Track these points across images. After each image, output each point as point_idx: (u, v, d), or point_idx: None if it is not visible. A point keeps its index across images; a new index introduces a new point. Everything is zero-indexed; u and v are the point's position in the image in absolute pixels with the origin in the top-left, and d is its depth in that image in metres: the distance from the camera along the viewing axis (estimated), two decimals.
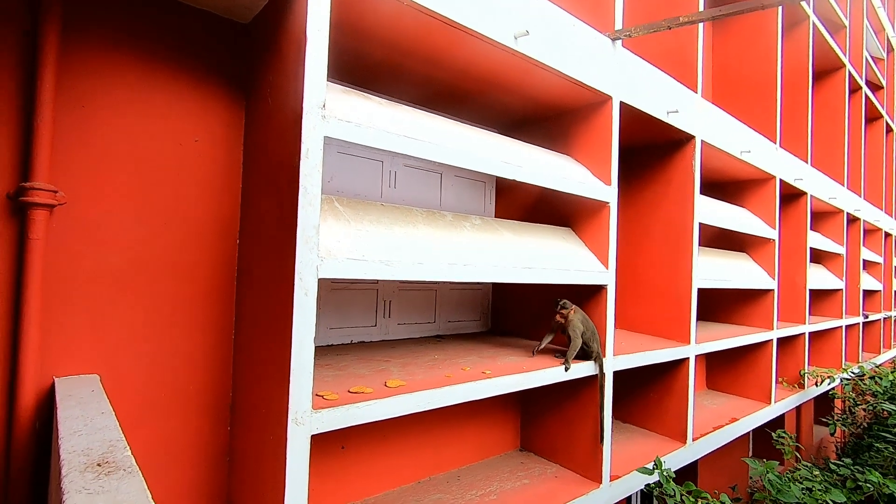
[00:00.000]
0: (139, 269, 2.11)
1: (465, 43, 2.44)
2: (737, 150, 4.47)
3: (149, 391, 2.14)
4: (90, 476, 1.09)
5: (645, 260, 4.19)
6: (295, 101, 1.87)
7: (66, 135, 1.95)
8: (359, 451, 2.70)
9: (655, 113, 3.48)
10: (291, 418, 1.77)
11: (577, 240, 3.24)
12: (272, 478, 1.84)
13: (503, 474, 3.11)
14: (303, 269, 1.80)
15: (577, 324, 2.91)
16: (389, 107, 2.30)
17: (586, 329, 2.96)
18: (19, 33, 1.87)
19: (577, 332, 2.89)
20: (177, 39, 2.22)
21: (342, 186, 2.96)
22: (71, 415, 1.49)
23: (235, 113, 2.38)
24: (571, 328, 2.90)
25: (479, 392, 2.38)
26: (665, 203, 4.07)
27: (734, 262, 5.00)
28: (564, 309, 2.89)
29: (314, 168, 1.83)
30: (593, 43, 3.02)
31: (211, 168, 2.31)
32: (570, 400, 3.19)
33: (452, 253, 2.37)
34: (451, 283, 3.61)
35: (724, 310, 5.59)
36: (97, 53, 2.03)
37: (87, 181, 2.00)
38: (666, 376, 3.94)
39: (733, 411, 4.76)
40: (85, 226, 1.99)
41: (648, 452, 3.57)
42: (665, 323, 4.03)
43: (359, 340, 3.12)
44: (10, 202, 1.83)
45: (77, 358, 1.98)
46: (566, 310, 2.89)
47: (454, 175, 3.62)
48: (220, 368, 2.32)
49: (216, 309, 2.32)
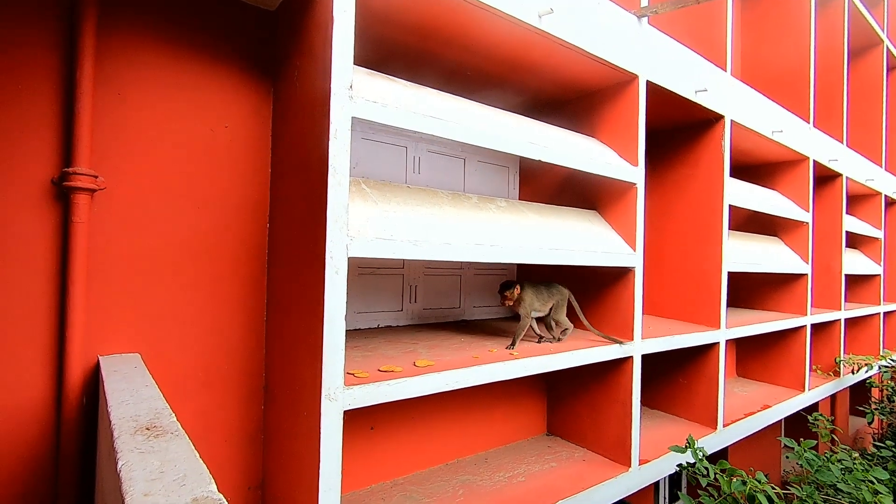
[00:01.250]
0: (174, 251, 2.18)
1: (487, 22, 2.42)
2: (768, 130, 4.34)
3: (185, 370, 2.22)
4: (140, 438, 1.14)
5: (672, 244, 4.11)
6: (322, 82, 1.89)
7: (105, 122, 2.02)
8: (387, 433, 2.74)
9: (683, 92, 3.40)
10: (325, 394, 1.80)
11: (603, 222, 3.20)
12: (307, 453, 1.89)
13: (530, 457, 3.12)
14: (333, 249, 1.83)
15: (527, 301, 2.76)
16: (414, 88, 2.31)
17: (544, 302, 2.83)
18: (59, 26, 1.94)
19: (527, 310, 2.76)
20: (207, 28, 2.27)
21: (367, 172, 2.99)
22: (118, 387, 1.55)
23: (263, 98, 2.42)
24: (521, 307, 2.76)
25: (507, 373, 2.39)
26: (693, 185, 3.98)
27: (765, 245, 4.87)
28: (508, 290, 2.73)
29: (342, 148, 1.85)
30: (619, 20, 2.96)
31: (241, 152, 2.36)
32: (597, 383, 3.17)
33: (479, 234, 2.37)
34: (476, 267, 3.61)
35: (754, 295, 5.46)
36: (132, 43, 2.09)
37: (125, 166, 2.06)
38: (695, 361, 3.88)
39: (765, 398, 4.66)
40: (123, 209, 2.06)
41: (677, 437, 3.52)
42: (693, 307, 3.96)
43: (385, 325, 3.16)
44: (55, 187, 1.91)
45: (119, 337, 2.06)
46: (509, 290, 2.72)
47: (477, 160, 3.61)
48: (252, 347, 2.38)
49: (248, 289, 2.37)
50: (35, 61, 1.89)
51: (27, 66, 1.88)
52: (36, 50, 1.89)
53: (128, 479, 0.93)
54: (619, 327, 3.09)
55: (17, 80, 1.86)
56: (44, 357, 1.90)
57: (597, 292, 3.24)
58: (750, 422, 4.12)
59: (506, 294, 2.75)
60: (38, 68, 1.90)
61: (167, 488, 0.90)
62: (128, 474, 0.95)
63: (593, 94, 3.33)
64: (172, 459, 1.03)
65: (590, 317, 3.30)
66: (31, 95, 1.88)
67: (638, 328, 3.05)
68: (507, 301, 2.76)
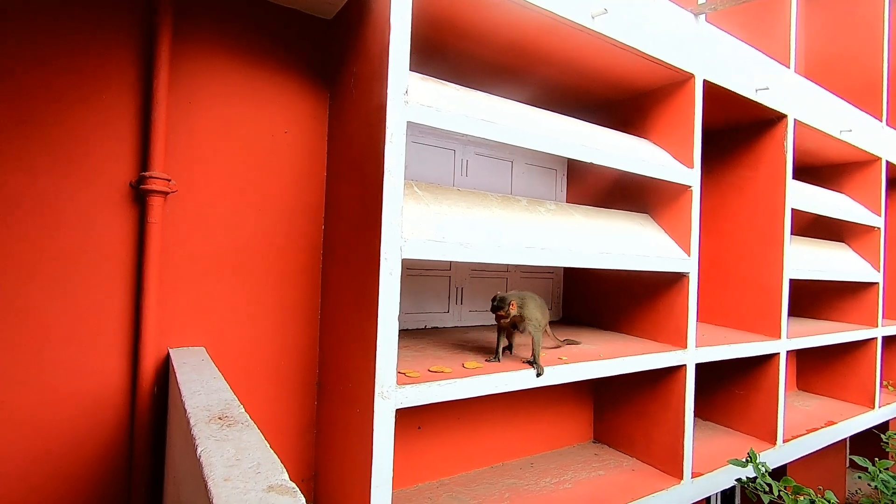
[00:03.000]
0: (235, 250, 2.29)
1: (539, 25, 2.42)
2: (835, 129, 4.09)
3: (245, 364, 2.32)
4: (215, 427, 1.20)
5: (728, 248, 3.95)
6: (379, 88, 1.94)
7: (177, 128, 2.15)
8: (434, 433, 2.77)
9: (742, 91, 3.26)
10: (378, 392, 1.85)
11: (655, 226, 3.12)
12: (359, 449, 1.94)
13: (577, 464, 3.07)
14: (388, 250, 1.87)
15: (536, 314, 2.33)
16: (467, 92, 2.33)
17: (544, 313, 2.41)
18: (138, 41, 2.08)
19: (539, 326, 2.33)
20: (268, 38, 2.38)
21: (416, 175, 3.03)
22: (189, 378, 1.65)
23: (320, 104, 2.51)
24: (532, 324, 2.31)
25: (556, 377, 2.36)
26: (751, 188, 3.81)
27: (830, 251, 4.58)
28: (504, 303, 2.25)
29: (398, 152, 1.90)
30: (674, 19, 2.88)
31: (299, 156, 2.45)
32: (648, 391, 3.08)
33: (529, 237, 2.36)
34: (522, 270, 3.60)
35: (816, 304, 5.14)
36: (202, 54, 2.22)
37: (194, 171, 2.19)
38: (752, 372, 3.70)
39: (829, 414, 4.38)
40: (192, 211, 2.19)
41: (732, 450, 3.37)
42: (751, 316, 3.78)
43: (432, 326, 3.19)
44: (133, 190, 2.05)
45: (186, 331, 2.19)
46: (508, 303, 2.25)
47: (525, 162, 3.60)
48: (307, 344, 2.47)
49: (304, 289, 2.46)
50: (116, 75, 2.04)
51: (110, 79, 2.03)
52: (117, 64, 2.04)
53: (208, 465, 0.99)
54: (672, 334, 2.99)
55: (100, 91, 2.01)
56: (121, 347, 2.04)
57: (647, 298, 3.15)
58: (813, 438, 3.89)
59: (500, 312, 2.26)
60: (119, 80, 2.05)
61: (244, 475, 0.95)
62: (207, 459, 1.01)
63: (646, 95, 3.24)
64: (246, 448, 1.09)
65: (639, 323, 3.22)
66: (113, 105, 2.03)
67: (692, 336, 2.95)
68: (503, 319, 2.29)
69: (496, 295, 2.33)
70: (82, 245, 1.97)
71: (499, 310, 2.28)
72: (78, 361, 1.96)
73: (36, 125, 1.88)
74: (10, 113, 1.84)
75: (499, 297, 2.30)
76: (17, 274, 1.85)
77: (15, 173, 1.85)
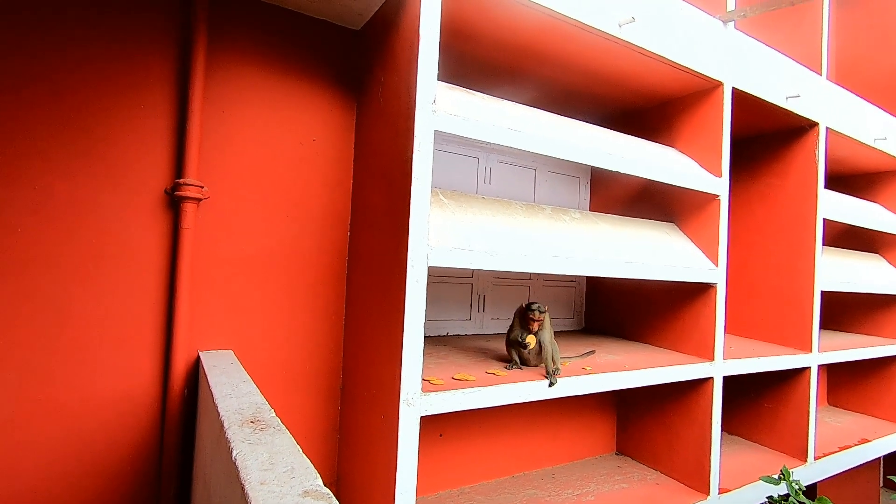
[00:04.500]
0: (264, 256, 2.34)
1: (564, 33, 2.42)
2: (869, 137, 3.98)
3: (270, 367, 2.36)
4: (248, 430, 1.23)
5: (755, 258, 3.86)
6: (407, 97, 1.97)
7: (210, 137, 2.21)
8: (456, 441, 2.76)
9: (773, 98, 3.20)
10: (403, 399, 1.86)
11: (681, 235, 3.07)
12: (383, 456, 1.95)
13: (599, 476, 3.03)
14: (414, 258, 1.88)
15: (549, 327, 2.39)
16: (492, 101, 2.34)
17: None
18: (174, 54, 2.15)
19: (551, 335, 2.35)
20: (298, 48, 2.43)
21: (439, 182, 3.05)
22: (220, 381, 1.69)
23: (347, 113, 2.55)
24: (550, 333, 2.34)
25: (580, 387, 2.34)
26: (781, 197, 3.73)
27: (864, 263, 4.44)
28: (542, 312, 2.32)
29: (425, 160, 1.92)
30: (702, 26, 2.85)
31: (326, 165, 2.49)
32: (673, 403, 3.03)
33: (553, 245, 2.36)
34: (545, 278, 3.58)
35: (849, 317, 4.98)
36: (235, 65, 2.28)
37: (225, 178, 2.25)
38: (782, 386, 3.60)
39: (862, 431, 4.23)
40: (223, 217, 2.24)
41: (761, 467, 3.28)
42: (780, 328, 3.68)
43: (454, 333, 3.19)
44: (167, 196, 2.11)
45: (215, 334, 2.23)
46: (543, 313, 2.32)
47: (548, 170, 3.59)
48: (332, 349, 2.50)
49: (330, 296, 2.49)
50: (154, 85, 2.11)
51: (148, 89, 2.10)
52: (155, 74, 2.11)
53: (243, 468, 1.01)
54: (698, 346, 2.94)
55: (139, 100, 2.08)
56: (154, 349, 2.10)
57: (672, 308, 3.10)
58: (846, 456, 3.76)
59: (539, 317, 2.32)
60: (156, 90, 2.11)
61: (279, 479, 0.97)
62: (242, 463, 1.03)
63: (672, 102, 3.21)
64: (279, 452, 1.10)
65: (664, 334, 3.17)
66: (151, 113, 2.10)
67: (719, 348, 2.89)
68: (536, 325, 2.32)
69: (532, 302, 2.36)
70: (120, 249, 2.03)
71: (541, 313, 2.32)
72: (114, 362, 2.02)
73: (79, 132, 1.96)
74: (56, 119, 1.92)
75: (529, 306, 2.35)
76: (60, 276, 1.92)
77: (61, 179, 1.92)
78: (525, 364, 2.42)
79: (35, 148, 1.89)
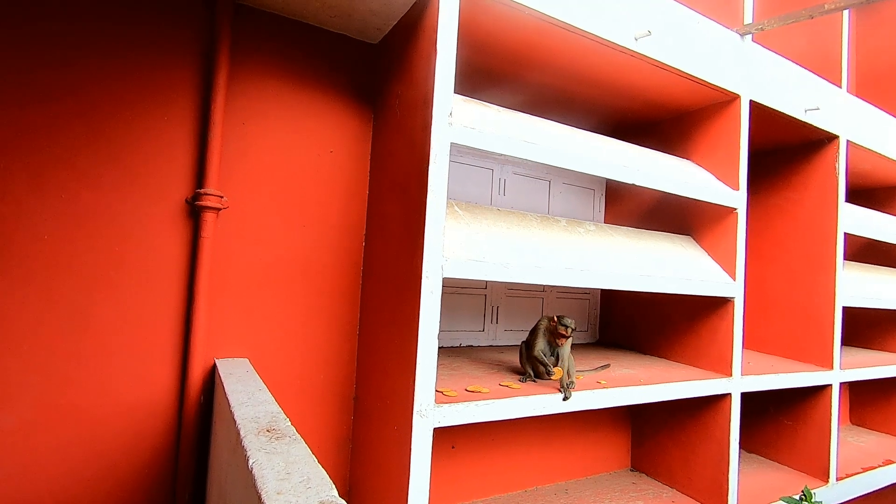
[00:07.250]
0: (280, 266, 2.37)
1: (581, 47, 2.43)
2: (891, 150, 3.91)
3: (285, 376, 2.37)
4: (264, 439, 1.24)
5: (773, 272, 3.80)
6: (424, 110, 1.99)
7: (230, 148, 2.26)
8: (468, 453, 2.74)
9: (791, 111, 3.17)
10: (416, 410, 1.85)
11: (698, 248, 3.04)
12: (396, 467, 1.94)
13: (613, 492, 2.98)
14: (429, 269, 1.89)
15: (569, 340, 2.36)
16: (507, 113, 2.36)
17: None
18: (198, 67, 2.21)
19: (569, 349, 2.33)
20: (317, 62, 2.48)
21: (453, 194, 3.06)
22: (236, 389, 1.71)
23: (364, 125, 2.59)
24: (569, 347, 2.32)
25: (595, 402, 2.31)
26: (800, 210, 3.67)
27: (886, 278, 4.34)
28: (573, 329, 2.30)
29: (441, 172, 1.93)
30: (720, 40, 2.84)
31: (342, 176, 2.52)
32: (690, 419, 2.97)
33: (568, 258, 2.35)
34: (559, 290, 3.56)
35: (872, 334, 4.85)
36: (256, 78, 2.33)
37: (244, 188, 2.29)
38: (802, 404, 3.52)
39: (886, 452, 4.10)
40: (241, 227, 2.28)
41: (780, 486, 3.20)
42: (800, 344, 3.61)
43: (467, 344, 3.19)
44: (188, 206, 2.16)
45: (231, 342, 2.26)
46: (574, 329, 2.30)
47: (563, 182, 3.59)
48: (345, 359, 2.51)
49: (344, 306, 2.51)
50: (178, 96, 2.17)
51: (171, 100, 2.15)
52: (179, 86, 2.17)
53: (260, 477, 1.02)
54: (716, 361, 2.89)
55: (162, 111, 2.14)
56: (171, 356, 2.13)
57: (689, 323, 3.06)
58: (869, 477, 3.64)
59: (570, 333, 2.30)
60: (179, 101, 2.17)
61: (295, 489, 0.98)
62: (259, 472, 1.04)
63: (689, 115, 3.20)
64: (295, 462, 1.11)
65: (680, 348, 3.13)
66: (174, 124, 2.16)
67: (737, 364, 2.83)
68: (564, 340, 2.31)
69: (562, 316, 2.31)
70: (141, 257, 2.07)
71: (573, 330, 2.29)
72: (133, 368, 2.05)
73: (105, 142, 2.01)
74: (84, 129, 1.98)
75: (566, 317, 2.31)
76: (83, 283, 1.97)
77: (87, 188, 1.98)
78: (539, 377, 2.40)
79: (63, 157, 1.95)
